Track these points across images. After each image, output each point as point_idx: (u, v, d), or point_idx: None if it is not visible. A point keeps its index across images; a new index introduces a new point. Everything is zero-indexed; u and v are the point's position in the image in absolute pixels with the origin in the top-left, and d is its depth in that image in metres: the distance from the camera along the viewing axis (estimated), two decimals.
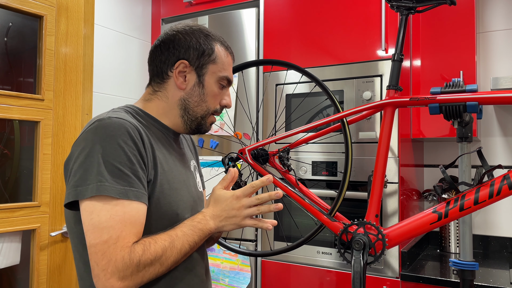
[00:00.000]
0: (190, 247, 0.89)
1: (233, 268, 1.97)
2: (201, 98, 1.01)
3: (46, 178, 1.80)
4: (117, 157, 0.83)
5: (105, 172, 0.82)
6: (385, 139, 1.19)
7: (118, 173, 0.83)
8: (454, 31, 1.83)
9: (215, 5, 2.21)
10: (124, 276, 0.80)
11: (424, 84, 1.88)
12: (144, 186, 0.87)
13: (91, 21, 2.03)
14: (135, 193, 0.84)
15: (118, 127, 0.85)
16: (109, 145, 0.83)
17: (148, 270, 0.83)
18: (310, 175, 1.83)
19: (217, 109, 1.04)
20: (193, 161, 1.14)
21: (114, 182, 0.82)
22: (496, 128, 2.03)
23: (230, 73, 1.05)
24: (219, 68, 1.02)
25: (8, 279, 1.81)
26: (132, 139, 0.86)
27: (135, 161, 0.85)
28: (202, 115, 1.02)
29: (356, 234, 1.12)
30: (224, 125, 2.07)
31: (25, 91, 1.78)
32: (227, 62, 1.04)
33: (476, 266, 1.19)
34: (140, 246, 0.83)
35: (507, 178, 0.98)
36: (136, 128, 0.88)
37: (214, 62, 1.01)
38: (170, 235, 0.87)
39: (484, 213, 2.03)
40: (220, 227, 0.93)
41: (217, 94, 1.03)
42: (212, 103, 1.03)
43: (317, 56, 1.87)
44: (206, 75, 1.01)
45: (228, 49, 1.06)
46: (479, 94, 1.05)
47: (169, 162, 0.98)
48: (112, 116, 0.88)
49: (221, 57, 1.03)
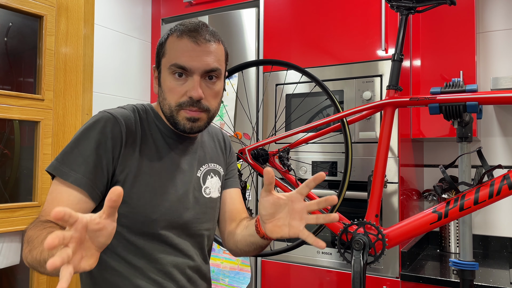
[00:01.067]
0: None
1: (233, 268, 1.97)
2: (163, 97, 0.95)
3: (46, 178, 1.80)
4: (79, 144, 0.89)
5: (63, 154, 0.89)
6: (385, 139, 1.19)
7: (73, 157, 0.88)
8: (454, 31, 1.83)
9: (215, 5, 2.21)
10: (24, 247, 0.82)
11: (424, 84, 1.88)
12: (93, 176, 0.87)
13: (91, 21, 2.03)
14: (77, 178, 0.86)
15: (99, 120, 0.90)
16: (81, 134, 0.90)
17: (24, 249, 0.78)
18: (310, 175, 1.83)
19: (181, 103, 0.92)
20: (207, 165, 1.07)
21: (63, 163, 0.88)
22: (496, 128, 2.03)
23: (181, 59, 0.91)
24: (168, 58, 0.93)
25: (8, 279, 1.81)
26: (104, 133, 0.89)
27: (95, 152, 0.88)
28: (169, 113, 0.95)
29: (356, 234, 1.12)
30: (224, 125, 2.07)
31: (25, 91, 1.78)
32: (178, 48, 0.92)
33: (476, 266, 1.19)
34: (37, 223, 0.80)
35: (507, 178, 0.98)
36: (120, 125, 0.91)
37: (163, 55, 0.95)
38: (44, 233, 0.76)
39: (484, 213, 2.03)
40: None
41: (173, 86, 0.92)
42: (172, 97, 0.93)
43: (317, 56, 1.87)
44: (162, 71, 0.95)
45: (185, 33, 0.92)
46: (479, 94, 1.05)
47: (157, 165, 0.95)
48: (108, 111, 0.93)
49: (170, 46, 0.93)
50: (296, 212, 0.83)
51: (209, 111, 0.96)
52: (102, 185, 0.89)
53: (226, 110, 2.06)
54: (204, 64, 0.92)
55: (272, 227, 0.85)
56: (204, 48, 0.92)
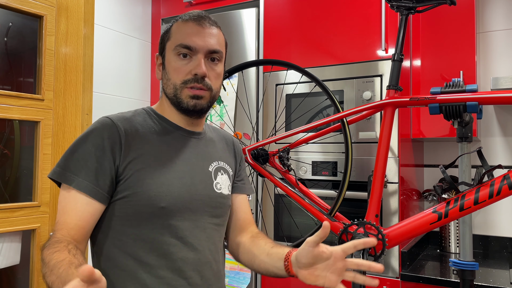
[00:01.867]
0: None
1: (233, 268, 1.97)
2: (167, 78, 1.00)
3: (46, 178, 1.80)
4: (79, 149, 0.91)
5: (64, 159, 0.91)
6: (385, 139, 1.19)
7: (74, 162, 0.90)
8: (454, 31, 1.83)
9: (215, 5, 2.21)
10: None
11: (424, 84, 1.88)
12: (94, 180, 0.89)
13: (91, 21, 2.03)
14: (79, 182, 0.89)
15: (97, 125, 0.94)
16: (80, 140, 0.92)
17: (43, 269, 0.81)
18: (310, 175, 1.83)
19: (186, 80, 0.97)
20: (218, 162, 1.08)
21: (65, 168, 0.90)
22: (496, 128, 2.03)
23: (187, 39, 0.96)
24: (173, 40, 0.98)
25: (8, 279, 1.81)
26: (101, 136, 0.92)
27: (94, 155, 0.90)
28: (173, 93, 0.99)
29: (356, 234, 1.12)
30: (224, 125, 2.07)
31: (25, 91, 1.78)
32: (184, 31, 0.98)
33: (476, 266, 1.19)
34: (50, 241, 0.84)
35: (507, 178, 0.98)
36: (117, 127, 0.94)
37: (169, 39, 1.00)
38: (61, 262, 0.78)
39: (484, 213, 2.03)
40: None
41: (178, 66, 0.97)
42: (176, 77, 0.97)
43: (317, 56, 1.87)
44: (166, 55, 1.00)
45: (190, 19, 0.99)
46: (479, 94, 1.05)
47: (163, 158, 0.97)
48: (107, 116, 0.96)
49: (176, 29, 0.99)
50: (336, 269, 0.87)
51: (212, 90, 1.00)
52: (106, 185, 0.90)
53: (226, 110, 2.06)
54: (208, 44, 0.98)
55: (308, 275, 0.89)
56: (208, 31, 1.00)
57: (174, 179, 0.96)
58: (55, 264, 0.79)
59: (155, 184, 0.93)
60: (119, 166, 0.92)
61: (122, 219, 0.92)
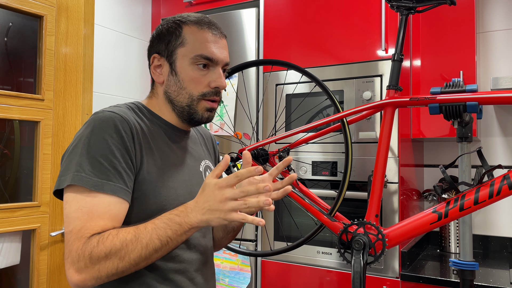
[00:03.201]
0: (161, 242, 0.80)
1: (233, 268, 1.97)
2: (178, 86, 0.96)
3: (46, 178, 1.80)
4: (100, 149, 0.84)
5: (84, 163, 0.83)
6: (385, 139, 1.19)
7: (98, 165, 0.83)
8: (454, 31, 1.83)
9: (215, 5, 2.21)
10: (79, 268, 0.78)
11: (424, 84, 1.88)
12: (125, 181, 0.85)
13: (91, 21, 2.03)
14: (112, 187, 0.83)
15: (106, 120, 0.86)
16: (94, 138, 0.84)
17: (104, 264, 0.78)
18: (310, 175, 1.83)
19: (205, 93, 0.95)
20: (205, 161, 1.09)
21: (91, 173, 0.82)
22: (496, 128, 2.03)
23: (208, 51, 0.95)
24: (190, 49, 0.95)
25: (8, 279, 1.81)
26: (118, 132, 0.86)
27: (118, 155, 0.85)
28: (187, 103, 0.96)
29: (356, 234, 1.12)
30: (224, 125, 2.07)
31: (25, 91, 1.78)
32: (201, 40, 0.95)
33: (476, 266, 1.19)
34: (96, 237, 0.79)
35: (507, 178, 0.98)
36: (127, 122, 0.88)
37: (182, 45, 0.95)
38: (137, 228, 0.81)
39: (484, 213, 2.03)
40: (204, 220, 0.81)
41: (197, 77, 0.95)
42: (194, 87, 0.95)
43: (317, 56, 1.87)
44: (177, 60, 0.96)
45: (205, 25, 0.97)
46: (479, 94, 1.05)
47: (166, 160, 0.96)
48: (107, 110, 0.89)
49: (191, 37, 0.95)
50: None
51: (220, 103, 1.02)
52: (132, 182, 0.87)
53: (226, 110, 2.06)
54: (225, 57, 0.98)
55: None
56: (223, 42, 0.99)
57: (179, 182, 0.97)
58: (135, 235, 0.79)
59: (164, 187, 0.92)
60: (134, 165, 0.89)
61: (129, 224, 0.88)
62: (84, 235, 0.80)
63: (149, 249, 0.80)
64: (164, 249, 0.82)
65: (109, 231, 0.80)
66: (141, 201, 0.89)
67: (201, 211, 0.82)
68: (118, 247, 0.78)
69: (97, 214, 0.81)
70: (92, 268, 0.78)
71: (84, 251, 0.78)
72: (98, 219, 0.81)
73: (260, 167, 0.82)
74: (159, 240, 0.80)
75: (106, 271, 0.79)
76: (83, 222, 0.80)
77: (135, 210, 0.89)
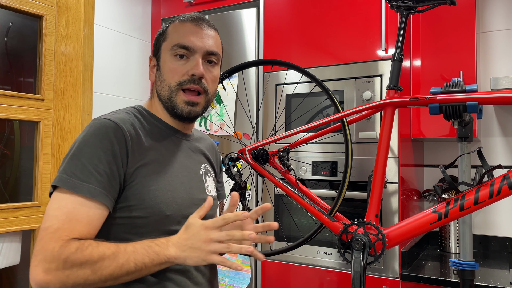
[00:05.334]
0: (135, 267, 0.81)
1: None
2: (161, 79, 0.97)
3: (46, 178, 1.80)
4: (86, 154, 0.85)
5: (69, 166, 0.84)
6: (385, 139, 1.19)
7: (81, 168, 0.83)
8: (454, 31, 1.83)
9: (215, 5, 2.21)
10: (48, 269, 0.77)
11: (424, 84, 1.88)
12: (105, 186, 0.84)
13: (91, 21, 2.03)
14: (91, 189, 0.83)
15: (100, 128, 0.87)
16: (84, 143, 0.86)
17: (75, 272, 0.77)
18: (310, 175, 1.83)
19: (182, 81, 0.95)
20: (205, 165, 1.10)
21: (73, 175, 0.83)
22: (496, 128, 2.03)
23: (185, 39, 0.95)
24: (170, 41, 0.97)
25: (8, 279, 1.81)
26: (109, 139, 0.86)
27: (104, 160, 0.85)
28: (168, 96, 0.96)
29: (356, 234, 1.12)
30: (224, 125, 2.07)
31: (25, 91, 1.78)
32: (181, 31, 0.96)
33: (476, 266, 1.19)
34: (76, 244, 0.78)
35: (507, 178, 0.98)
36: (122, 130, 0.88)
37: (165, 39, 0.98)
38: (117, 247, 0.81)
39: (484, 213, 2.03)
40: (182, 257, 0.83)
41: (174, 67, 0.95)
42: (172, 77, 0.95)
43: (317, 56, 1.87)
44: (162, 55, 0.98)
45: (188, 19, 0.98)
46: (479, 94, 1.05)
47: (165, 163, 0.96)
48: (104, 117, 0.90)
49: (172, 29, 0.98)
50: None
51: (207, 94, 0.99)
52: (115, 191, 0.87)
53: (226, 110, 2.06)
54: (206, 45, 0.97)
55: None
56: (206, 32, 0.98)
57: (177, 185, 0.96)
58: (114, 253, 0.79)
59: (160, 191, 0.92)
60: (126, 172, 0.88)
61: (127, 227, 0.89)
62: (61, 237, 0.79)
63: (122, 270, 0.80)
64: (135, 274, 0.82)
65: (90, 241, 0.80)
66: (137, 204, 0.89)
67: (181, 247, 0.84)
68: (95, 259, 0.78)
69: (76, 217, 0.81)
70: (63, 273, 0.77)
71: (60, 253, 0.77)
72: (76, 223, 0.81)
73: (246, 213, 0.85)
74: (135, 264, 0.81)
75: (74, 280, 0.78)
76: (61, 222, 0.80)
77: (134, 214, 0.89)
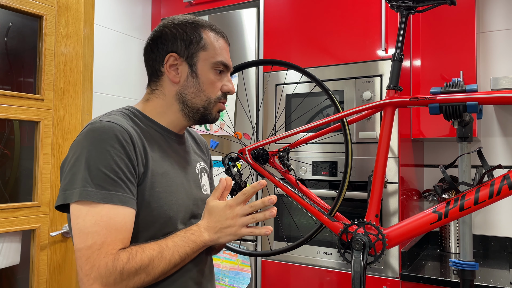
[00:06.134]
0: (180, 259, 0.87)
1: (233, 268, 1.97)
2: (197, 88, 0.99)
3: (46, 178, 1.80)
4: (103, 161, 0.83)
5: (89, 177, 0.82)
6: (385, 139, 1.19)
7: (103, 177, 0.83)
8: (454, 31, 1.83)
9: (215, 5, 2.21)
10: (106, 283, 0.79)
11: (424, 84, 1.88)
12: (131, 191, 0.86)
13: (91, 21, 2.03)
14: (121, 197, 0.83)
15: (106, 131, 0.85)
16: (95, 150, 0.84)
17: (133, 279, 0.82)
18: (310, 175, 1.83)
19: (220, 96, 1.02)
20: (200, 163, 1.11)
21: (98, 187, 0.82)
22: (496, 128, 2.03)
23: (225, 58, 1.02)
24: (211, 54, 0.99)
25: (8, 279, 1.81)
26: (120, 142, 0.85)
27: (122, 165, 0.85)
28: (203, 105, 1.00)
29: (356, 234, 1.12)
30: (224, 125, 2.07)
31: (25, 91, 1.78)
32: (219, 46, 1.01)
33: (476, 266, 1.19)
34: (126, 254, 0.82)
35: (507, 178, 0.98)
36: (126, 131, 0.88)
37: (204, 49, 0.99)
38: (160, 245, 0.86)
39: (484, 213, 2.03)
40: (216, 239, 0.91)
41: (214, 81, 1.00)
42: (212, 91, 1.00)
43: (317, 56, 1.87)
44: (198, 63, 0.98)
45: (219, 33, 1.03)
46: (479, 94, 1.05)
47: (165, 165, 0.96)
48: (104, 119, 0.88)
49: (212, 42, 1.00)
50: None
51: None
52: (135, 192, 0.88)
53: (226, 110, 2.06)
54: (231, 64, 1.07)
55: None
56: (229, 50, 1.08)
57: (178, 186, 0.97)
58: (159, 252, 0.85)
59: (164, 193, 0.93)
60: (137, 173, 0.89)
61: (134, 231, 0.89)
62: (110, 251, 0.80)
63: (171, 265, 0.86)
64: (181, 264, 0.89)
65: (136, 248, 0.84)
66: (143, 208, 0.90)
67: (213, 230, 0.91)
68: (147, 263, 0.83)
69: (115, 227, 0.82)
70: (121, 283, 0.81)
71: (115, 267, 0.80)
72: (116, 233, 0.82)
73: (263, 181, 0.91)
74: (180, 256, 0.87)
75: (132, 285, 0.82)
76: (103, 236, 0.81)
77: (139, 216, 0.89)
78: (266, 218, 0.90)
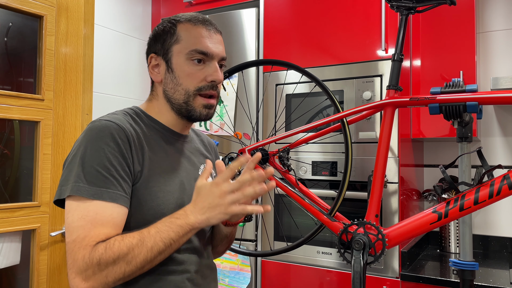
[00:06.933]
0: (164, 245, 0.83)
1: (233, 268, 1.97)
2: (175, 83, 0.97)
3: (46, 178, 1.80)
4: (96, 159, 0.85)
5: (82, 173, 0.84)
6: (385, 139, 1.19)
7: (95, 174, 0.84)
8: (454, 31, 1.83)
9: (215, 5, 2.21)
10: (86, 277, 0.79)
11: (424, 84, 1.88)
12: (123, 188, 0.86)
13: (91, 21, 2.03)
14: (111, 194, 0.84)
15: (103, 130, 0.87)
16: (91, 147, 0.86)
17: (112, 269, 0.80)
18: (310, 175, 1.83)
19: (201, 87, 0.96)
20: (203, 165, 1.10)
21: (90, 183, 0.83)
22: (496, 128, 2.03)
23: (203, 45, 0.96)
24: (185, 44, 0.96)
25: (8, 279, 1.81)
26: (115, 141, 0.87)
27: (115, 162, 0.86)
28: (184, 100, 0.97)
29: (356, 234, 1.12)
30: (224, 125, 2.07)
31: (25, 91, 1.78)
32: (196, 35, 0.96)
33: (476, 266, 1.19)
34: (103, 244, 0.80)
35: (507, 178, 0.98)
36: (123, 130, 0.89)
37: (177, 42, 0.97)
38: (141, 233, 0.83)
39: (484, 213, 2.03)
40: (204, 220, 0.84)
41: (192, 72, 0.96)
42: (190, 82, 0.96)
43: (317, 56, 1.87)
44: (173, 58, 0.97)
45: (199, 21, 0.98)
46: (479, 94, 1.05)
47: (164, 164, 0.96)
48: (104, 119, 0.90)
49: (185, 33, 0.97)
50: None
51: (219, 97, 1.02)
52: (129, 190, 0.89)
53: (226, 110, 2.06)
54: (221, 51, 0.99)
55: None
56: (218, 37, 1.00)
57: (176, 186, 0.97)
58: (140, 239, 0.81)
59: (161, 192, 0.93)
60: (133, 172, 0.89)
61: (126, 228, 0.89)
62: (89, 244, 0.81)
63: (153, 252, 0.82)
64: (167, 251, 0.84)
65: (114, 238, 0.82)
66: (139, 206, 0.90)
67: (200, 210, 0.84)
68: (125, 251, 0.80)
69: (101, 222, 0.82)
70: (100, 274, 0.80)
71: (91, 259, 0.79)
72: (101, 227, 0.82)
73: (248, 155, 0.86)
74: (163, 242, 0.83)
75: (113, 276, 0.80)
76: (86, 230, 0.81)
77: (134, 215, 0.89)
78: (256, 193, 0.83)
